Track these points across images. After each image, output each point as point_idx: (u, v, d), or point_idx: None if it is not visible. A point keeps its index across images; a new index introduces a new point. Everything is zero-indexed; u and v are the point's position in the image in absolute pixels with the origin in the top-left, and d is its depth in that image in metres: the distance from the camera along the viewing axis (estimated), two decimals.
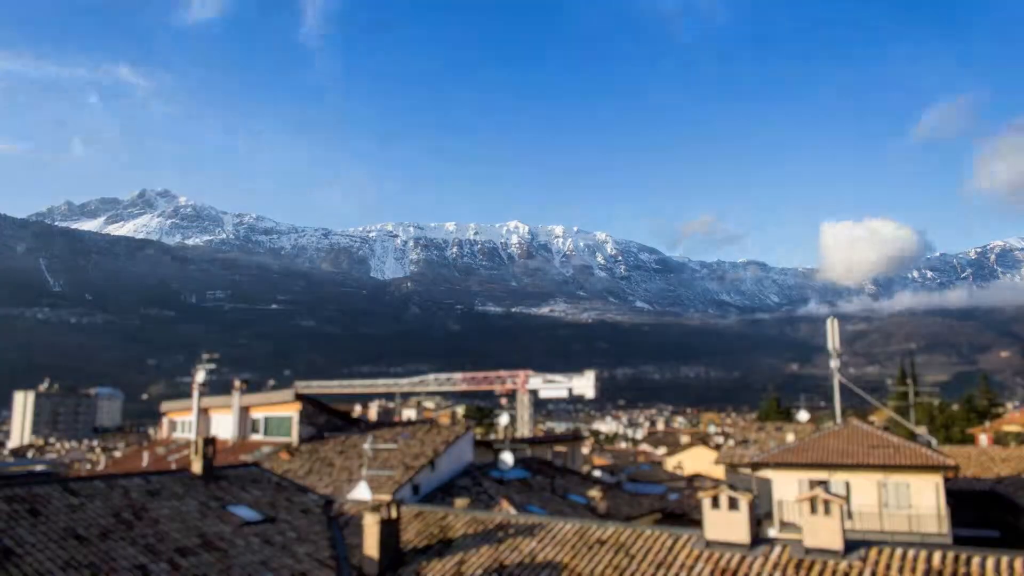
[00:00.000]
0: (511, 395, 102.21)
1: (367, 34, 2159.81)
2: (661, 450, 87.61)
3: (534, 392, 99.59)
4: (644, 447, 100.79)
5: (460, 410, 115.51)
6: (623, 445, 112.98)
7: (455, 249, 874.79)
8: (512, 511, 22.27)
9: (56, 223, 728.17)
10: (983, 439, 53.26)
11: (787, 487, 27.21)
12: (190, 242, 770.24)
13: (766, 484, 30.45)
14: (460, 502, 22.77)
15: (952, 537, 25.00)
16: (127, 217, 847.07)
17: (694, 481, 52.91)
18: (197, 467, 17.16)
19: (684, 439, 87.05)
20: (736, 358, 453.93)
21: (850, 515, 25.35)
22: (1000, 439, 53.60)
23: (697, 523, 36.23)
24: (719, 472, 48.79)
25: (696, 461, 65.76)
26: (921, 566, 10.56)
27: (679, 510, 41.03)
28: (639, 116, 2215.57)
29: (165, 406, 43.00)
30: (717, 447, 68.02)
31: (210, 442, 17.30)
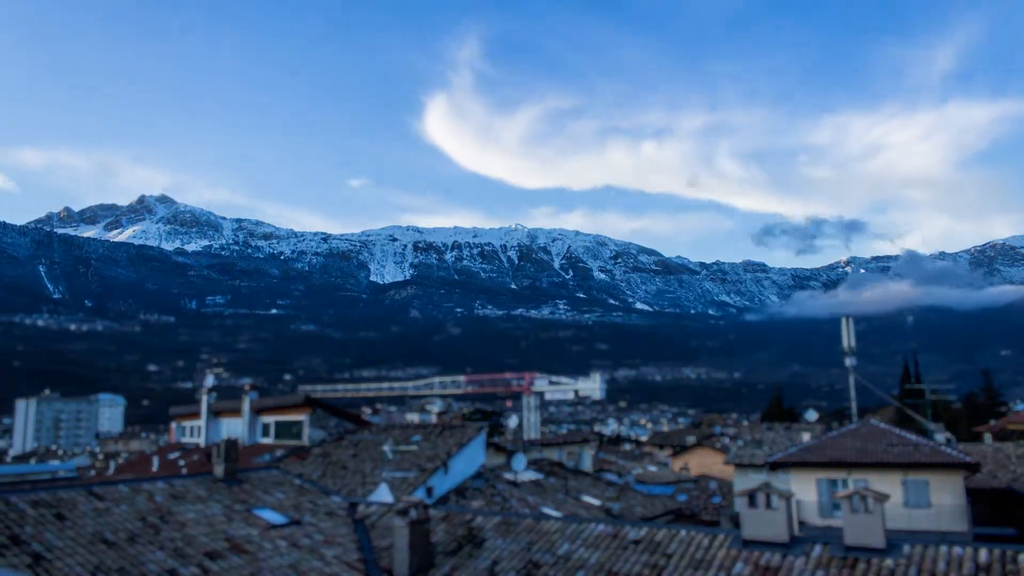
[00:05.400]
0: (516, 396, 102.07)
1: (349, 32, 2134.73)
2: (666, 451, 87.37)
3: (540, 394, 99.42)
4: (648, 448, 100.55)
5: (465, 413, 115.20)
6: (627, 447, 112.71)
7: (455, 252, 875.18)
8: (527, 511, 22.15)
9: (55, 230, 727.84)
10: (987, 438, 53.06)
11: (804, 486, 27.07)
12: (189, 247, 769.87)
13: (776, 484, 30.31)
14: (475, 504, 22.64)
15: (972, 535, 24.90)
16: (126, 223, 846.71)
17: (701, 482, 52.91)
18: (219, 470, 17.02)
19: (690, 440, 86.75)
20: (737, 359, 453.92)
21: None
22: (1005, 437, 53.35)
23: (708, 523, 36.00)
24: (728, 473, 48.71)
25: (702, 462, 65.56)
26: (968, 563, 10.42)
27: (690, 511, 40.99)
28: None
29: (173, 411, 42.91)
30: (723, 448, 67.83)
31: (233, 445, 17.16)
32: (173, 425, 42.49)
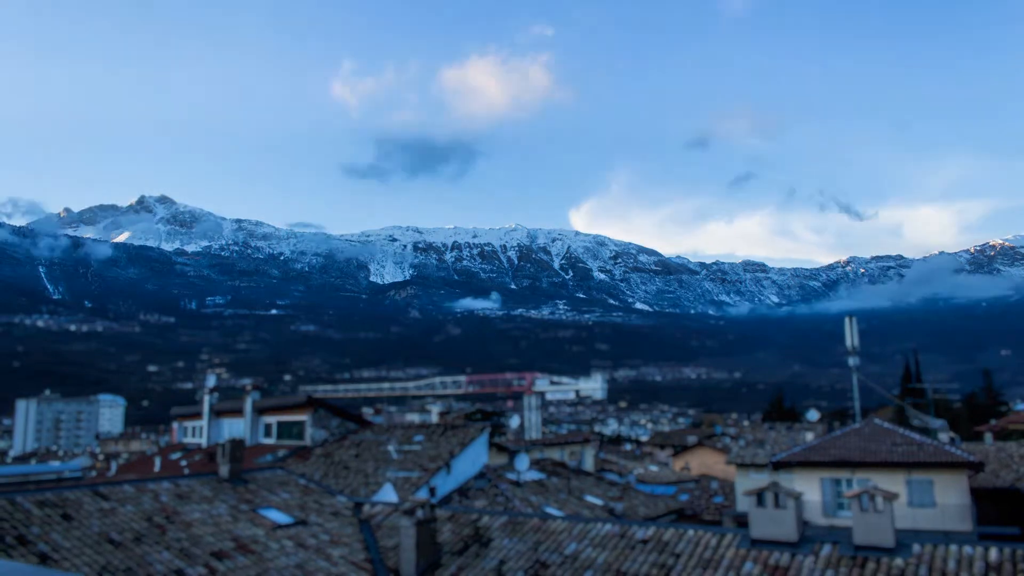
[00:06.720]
0: (517, 396, 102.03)
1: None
2: (667, 451, 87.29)
3: (541, 394, 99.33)
4: (649, 448, 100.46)
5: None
6: (627, 447, 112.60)
7: (455, 252, 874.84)
8: (530, 511, 22.10)
9: (55, 230, 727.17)
10: (988, 437, 53.01)
11: (808, 486, 27.03)
12: (189, 248, 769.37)
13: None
14: (478, 504, 22.59)
15: (976, 535, 24.85)
16: (126, 223, 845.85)
17: (702, 482, 52.83)
18: (224, 470, 16.97)
19: (690, 440, 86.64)
20: (737, 359, 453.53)
21: None
22: (1006, 437, 53.29)
23: (711, 523, 35.81)
24: (729, 473, 48.63)
25: (703, 462, 65.50)
26: (978, 563, 10.39)
27: (692, 511, 40.94)
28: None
29: (175, 411, 42.91)
30: (724, 448, 67.74)
31: (238, 444, 17.12)
32: (175, 425, 42.47)
